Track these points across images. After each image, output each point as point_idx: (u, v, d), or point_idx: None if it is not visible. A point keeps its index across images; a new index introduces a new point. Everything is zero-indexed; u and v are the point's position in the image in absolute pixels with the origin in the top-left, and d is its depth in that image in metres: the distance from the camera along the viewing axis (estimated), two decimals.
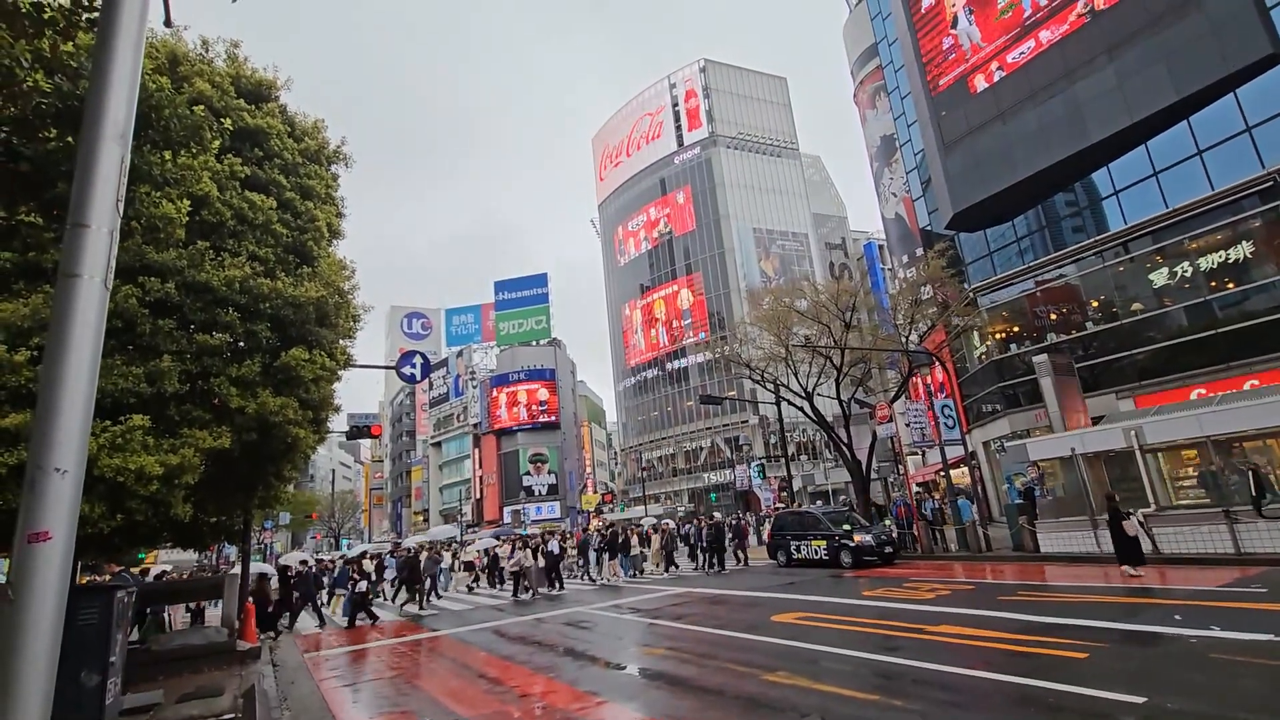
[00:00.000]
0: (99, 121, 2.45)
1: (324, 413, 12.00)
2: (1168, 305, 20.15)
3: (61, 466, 2.20)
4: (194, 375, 9.34)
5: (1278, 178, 17.19)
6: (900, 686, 6.70)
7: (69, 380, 2.27)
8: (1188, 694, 5.65)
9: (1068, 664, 6.82)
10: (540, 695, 7.88)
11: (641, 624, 12.34)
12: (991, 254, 26.27)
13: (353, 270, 12.76)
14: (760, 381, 28.55)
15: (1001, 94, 23.77)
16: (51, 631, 2.19)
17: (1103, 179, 22.02)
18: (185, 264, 9.07)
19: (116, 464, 7.37)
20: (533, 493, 65.04)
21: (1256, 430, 13.15)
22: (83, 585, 11.82)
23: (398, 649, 12.47)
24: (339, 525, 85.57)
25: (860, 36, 44.46)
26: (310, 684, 9.87)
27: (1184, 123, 19.45)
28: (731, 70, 71.65)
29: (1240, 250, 18.34)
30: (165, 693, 8.55)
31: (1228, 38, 17.83)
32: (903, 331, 25.92)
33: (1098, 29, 20.80)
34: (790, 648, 8.89)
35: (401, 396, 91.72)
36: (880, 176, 45.14)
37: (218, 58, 11.23)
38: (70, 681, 5.70)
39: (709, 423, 61.08)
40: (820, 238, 69.87)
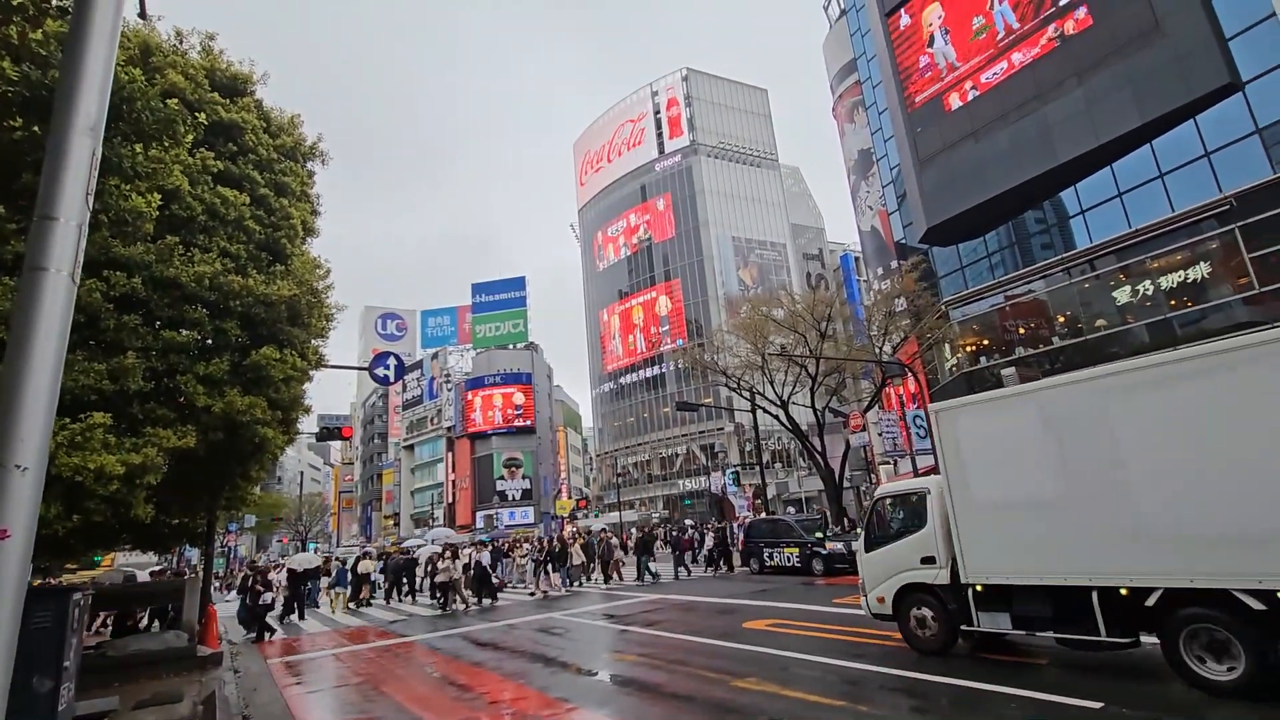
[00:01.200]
0: (70, 113, 2.40)
1: (294, 413, 11.76)
2: (1130, 322, 20.77)
3: (22, 463, 2.15)
4: (159, 373, 9.10)
5: (1234, 202, 17.86)
6: (867, 693, 6.79)
7: (32, 376, 2.22)
8: (1141, 700, 5.82)
9: (1030, 670, 6.98)
10: (510, 702, 7.82)
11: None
12: (964, 268, 26.84)
13: (327, 269, 12.56)
14: (736, 389, 28.78)
15: (975, 113, 24.36)
16: (7, 634, 2.13)
17: (1070, 198, 22.67)
18: (153, 259, 8.84)
19: (75, 463, 7.13)
20: (506, 497, 64.50)
21: None
22: (36, 587, 11.41)
23: (363, 655, 12.26)
24: (306, 528, 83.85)
25: (840, 52, 45.24)
26: (273, 691, 9.65)
27: (1147, 146, 20.13)
28: (713, 80, 72.30)
29: (1199, 270, 19.00)
30: (121, 699, 8.29)
31: (1189, 67, 18.53)
32: (877, 342, 26.36)
33: (1067, 53, 21.45)
34: (760, 654, 8.95)
35: (374, 398, 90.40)
36: (857, 189, 45.90)
37: (192, 49, 11.00)
38: (21, 686, 5.49)
39: (685, 429, 61.23)
40: (798, 248, 70.69)
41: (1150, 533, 6.20)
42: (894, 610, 8.60)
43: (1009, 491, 7.37)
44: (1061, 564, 6.81)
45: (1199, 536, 5.90)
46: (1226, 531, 5.73)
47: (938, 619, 8.05)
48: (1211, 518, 5.83)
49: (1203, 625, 5.89)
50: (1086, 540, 6.64)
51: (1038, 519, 7.05)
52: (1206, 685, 5.84)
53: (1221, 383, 5.98)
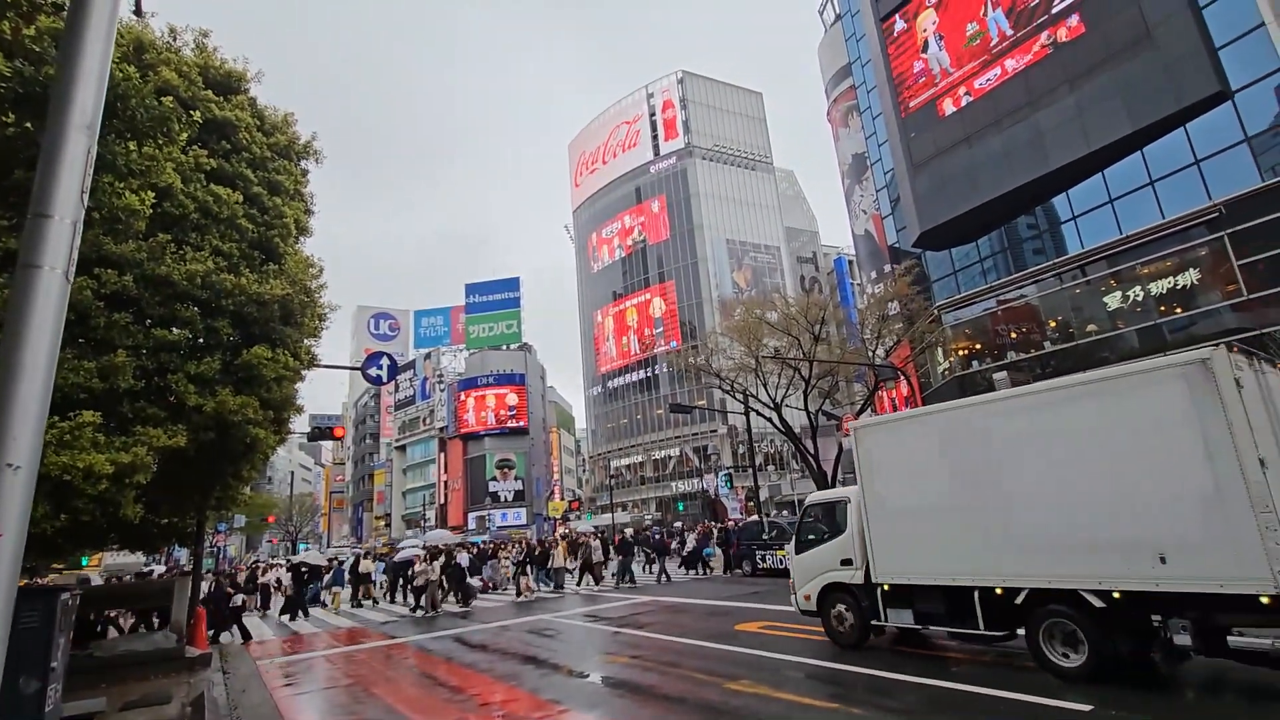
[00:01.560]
0: (66, 110, 2.39)
1: (285, 413, 11.73)
2: (1121, 327, 20.94)
3: (14, 462, 2.13)
4: (150, 371, 9.05)
5: (1223, 209, 18.05)
6: (860, 695, 6.81)
7: (25, 374, 2.20)
8: (1130, 703, 5.86)
9: (1020, 673, 7.02)
10: (500, 704, 7.79)
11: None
12: (956, 272, 27.00)
13: (320, 268, 12.52)
14: (730, 391, 28.82)
15: (968, 118, 24.52)
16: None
17: (1062, 204, 22.85)
18: (145, 257, 8.79)
19: (64, 461, 7.08)
20: (499, 499, 64.31)
21: None
22: (23, 587, 11.28)
23: (354, 656, 12.20)
24: (297, 529, 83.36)
25: (835, 57, 45.46)
26: (263, 692, 9.58)
27: (1138, 153, 20.32)
28: (709, 83, 72.47)
29: (1188, 277, 19.19)
30: (109, 700, 8.22)
31: (1180, 75, 18.73)
32: (870, 346, 26.47)
33: (1060, 61, 21.64)
34: (753, 656, 8.96)
35: (366, 398, 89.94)
36: (851, 193, 46.12)
37: (185, 47, 10.95)
38: (8, 687, 5.44)
39: (678, 431, 61.25)
40: (792, 251, 70.90)
41: (1020, 540, 7.06)
42: (818, 607, 9.45)
43: (911, 501, 8.26)
44: (951, 566, 7.65)
45: (1057, 544, 6.75)
46: (1076, 540, 6.58)
47: (853, 615, 8.89)
48: (1065, 528, 6.69)
49: (1058, 620, 6.77)
50: (970, 545, 7.49)
51: (933, 526, 7.91)
52: (1058, 671, 6.69)
53: (1070, 412, 6.91)
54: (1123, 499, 6.33)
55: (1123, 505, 6.33)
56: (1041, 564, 6.86)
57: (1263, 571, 5.40)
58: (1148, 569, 6.07)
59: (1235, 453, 5.66)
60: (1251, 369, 6.22)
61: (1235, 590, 5.59)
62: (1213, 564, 5.73)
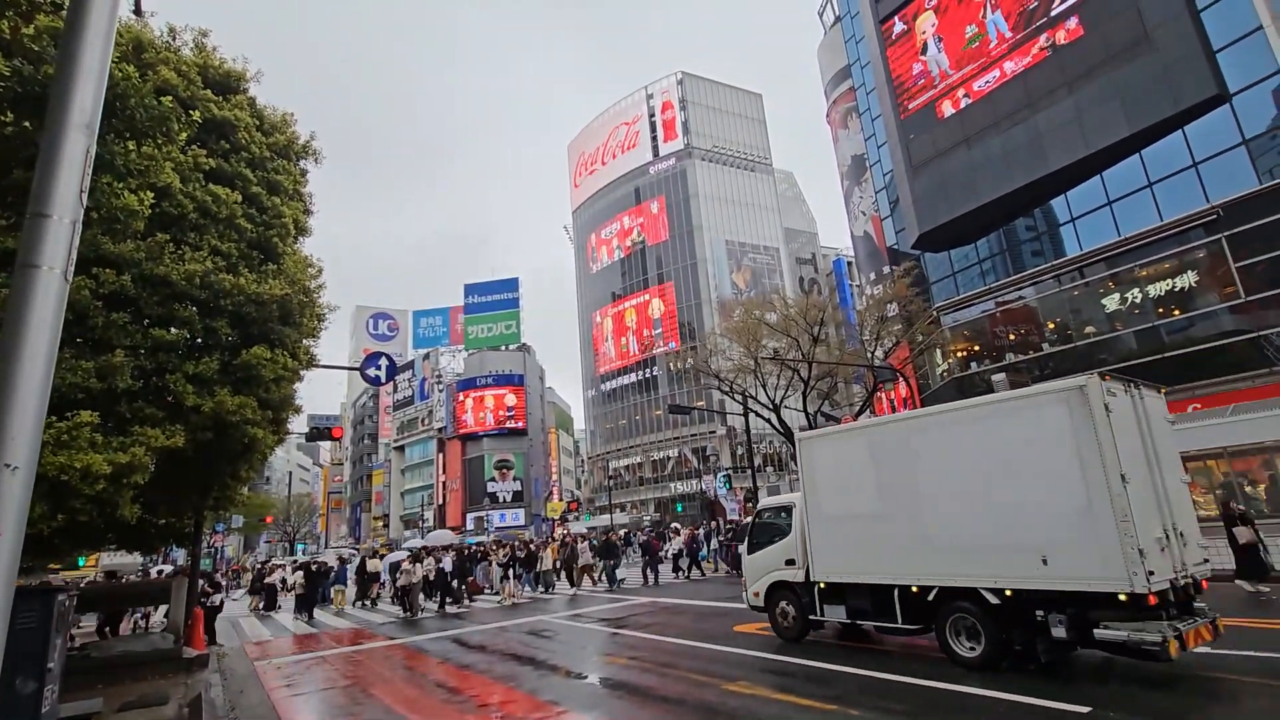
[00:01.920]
0: (65, 110, 2.38)
1: (284, 413, 11.69)
2: (1119, 329, 20.97)
3: (12, 463, 2.12)
4: (148, 371, 9.02)
5: (1221, 211, 18.09)
6: (859, 697, 6.81)
7: (23, 374, 2.19)
8: (1128, 704, 5.87)
9: (1018, 674, 7.02)
10: (499, 705, 7.78)
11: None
12: (955, 274, 27.02)
13: (319, 268, 12.50)
14: (729, 392, 28.82)
15: (967, 120, 24.55)
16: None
17: (1061, 206, 22.88)
18: (143, 256, 8.76)
19: (61, 462, 7.05)
20: (497, 499, 64.27)
21: (1197, 451, 13.77)
22: (20, 587, 11.25)
23: (352, 657, 12.18)
24: (294, 529, 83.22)
25: (834, 58, 45.50)
26: (260, 693, 9.57)
27: (1136, 156, 20.35)
28: (708, 84, 72.54)
29: (1186, 279, 19.22)
30: (105, 701, 8.20)
31: (1178, 78, 18.76)
32: (869, 347, 26.49)
33: (1058, 63, 21.67)
34: (751, 657, 8.96)
35: (364, 398, 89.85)
36: (850, 195, 46.15)
37: (185, 46, 10.93)
38: (5, 688, 5.43)
39: (677, 432, 61.24)
40: (791, 252, 70.95)
41: (932, 544, 7.89)
42: (765, 603, 10.26)
43: (844, 507, 9.13)
44: (876, 566, 8.49)
45: (961, 547, 7.56)
46: (977, 543, 7.40)
47: (795, 611, 9.74)
48: (968, 533, 7.51)
49: (961, 615, 7.55)
50: (892, 548, 8.32)
51: (862, 530, 8.80)
52: (961, 661, 7.48)
53: (973, 430, 7.74)
54: (1014, 507, 7.15)
55: (1014, 513, 7.14)
56: (949, 565, 7.65)
57: (1122, 573, 6.21)
58: (1033, 570, 6.87)
59: (1103, 469, 6.45)
60: (1127, 394, 7.11)
61: (1100, 589, 6.41)
62: (1084, 566, 6.54)
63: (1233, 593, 10.92)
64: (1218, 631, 6.70)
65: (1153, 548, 6.37)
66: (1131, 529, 6.22)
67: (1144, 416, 7.19)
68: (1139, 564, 6.12)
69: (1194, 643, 6.41)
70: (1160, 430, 7.40)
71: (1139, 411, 7.16)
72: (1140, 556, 6.15)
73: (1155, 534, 6.53)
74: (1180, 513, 7.07)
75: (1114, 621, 6.42)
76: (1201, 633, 6.51)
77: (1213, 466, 14.02)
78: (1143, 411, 7.21)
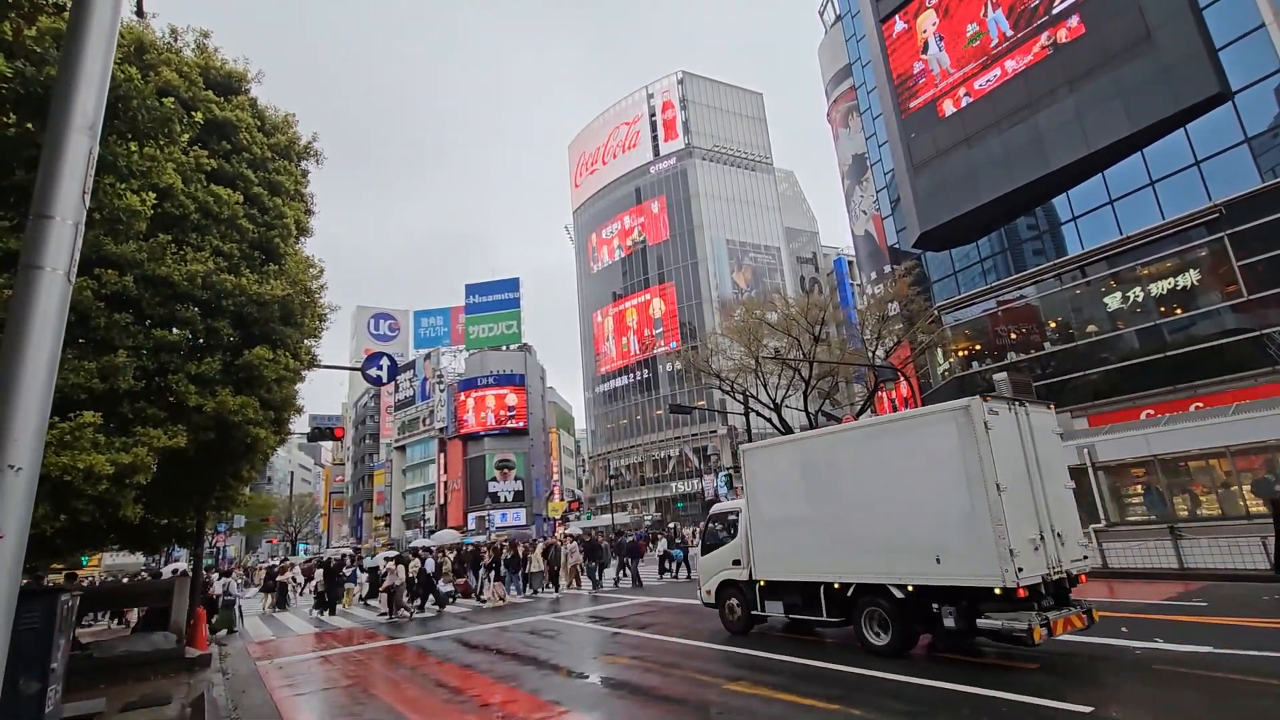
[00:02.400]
0: (67, 112, 2.38)
1: (286, 413, 11.71)
2: (1120, 328, 20.95)
3: (16, 464, 2.13)
4: (150, 372, 9.03)
5: (1223, 210, 18.06)
6: (861, 696, 6.80)
7: (26, 375, 2.20)
8: (1131, 704, 5.86)
9: (1021, 674, 7.01)
10: (500, 704, 7.79)
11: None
12: (956, 273, 27.00)
13: (320, 269, 12.52)
14: (730, 392, 28.82)
15: (968, 119, 24.53)
16: (1, 636, 2.11)
17: (1062, 205, 22.85)
18: (145, 257, 8.78)
19: (64, 462, 7.06)
20: (498, 499, 64.30)
21: (1200, 450, 13.75)
22: (23, 587, 11.28)
23: (353, 657, 12.19)
24: (296, 529, 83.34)
25: (835, 57, 45.47)
26: (262, 693, 9.58)
27: (1138, 154, 20.33)
28: (709, 83, 72.50)
29: (1188, 278, 19.19)
30: (108, 701, 8.22)
31: (1179, 76, 18.73)
32: (870, 346, 26.48)
33: (1059, 62, 21.64)
34: (752, 657, 8.96)
35: (366, 398, 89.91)
36: (851, 194, 46.12)
37: (186, 47, 10.95)
38: (8, 688, 5.43)
39: (678, 432, 61.24)
40: (792, 252, 70.92)
41: (850, 545, 8.79)
42: (716, 600, 11.12)
43: (780, 512, 10.07)
44: (805, 566, 9.37)
45: (874, 548, 8.45)
46: (885, 545, 8.29)
47: (740, 606, 10.61)
48: (879, 535, 8.40)
49: (873, 608, 8.43)
50: (818, 549, 9.22)
51: (794, 533, 9.70)
52: (873, 649, 8.37)
53: (882, 444, 8.75)
54: (915, 513, 8.01)
55: (914, 518, 8.01)
56: (864, 565, 8.56)
57: (996, 571, 7.10)
58: (929, 568, 7.74)
59: (982, 479, 7.29)
60: (1011, 412, 7.91)
61: (980, 584, 7.30)
62: (968, 565, 7.41)
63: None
64: (1091, 620, 7.65)
65: (1025, 548, 7.22)
66: (1005, 532, 7.07)
67: (1028, 431, 7.98)
68: (1010, 562, 7.00)
69: (1062, 630, 7.29)
70: (1045, 443, 8.17)
71: (1022, 427, 7.96)
72: (1011, 556, 7.01)
73: (1029, 536, 7.36)
74: (1060, 516, 7.87)
75: (993, 612, 7.29)
76: (1073, 621, 7.43)
77: (1215, 466, 14.00)
78: (1027, 427, 8.01)
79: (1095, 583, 12.97)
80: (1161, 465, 14.10)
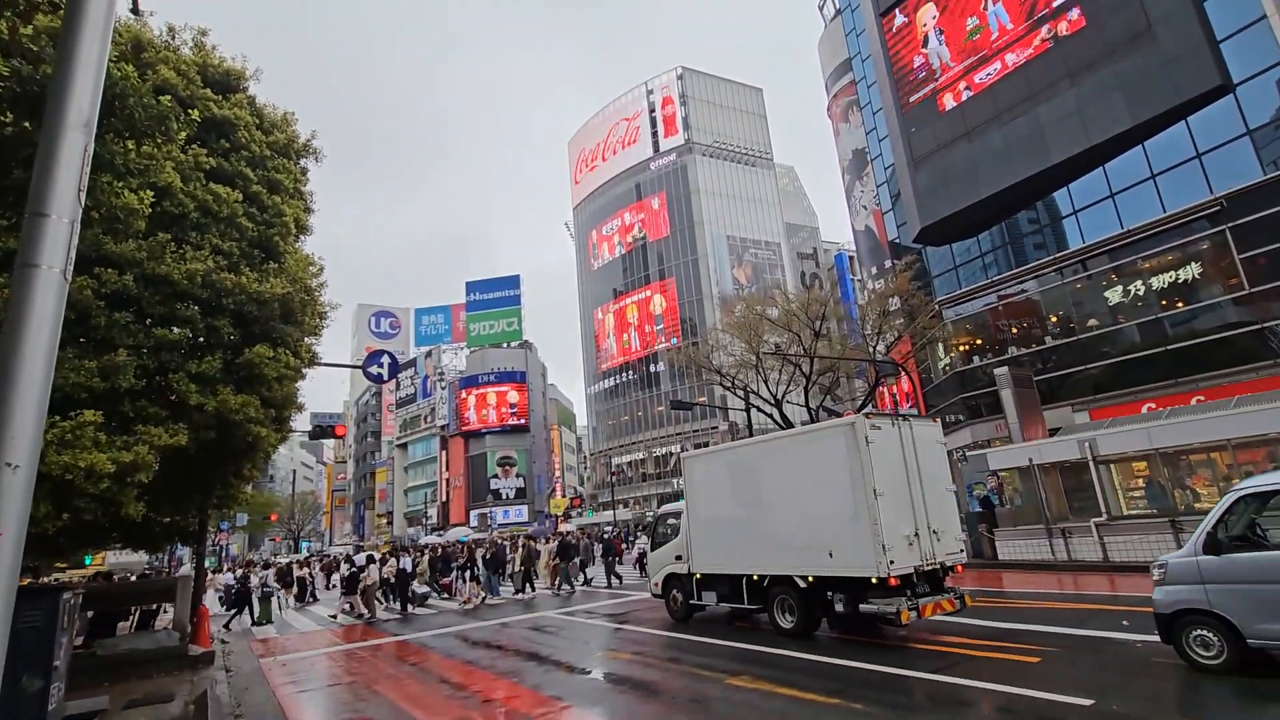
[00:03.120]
0: (62, 108, 2.38)
1: (287, 412, 11.72)
2: (1122, 322, 20.91)
3: (13, 462, 2.12)
4: (151, 370, 9.04)
5: (1225, 203, 18.00)
6: (861, 691, 6.81)
7: (23, 373, 2.20)
8: (1132, 697, 5.86)
9: (1022, 668, 7.02)
10: (503, 700, 7.81)
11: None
12: (957, 268, 26.95)
13: (320, 267, 12.52)
14: (731, 388, 28.78)
15: (969, 113, 24.45)
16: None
17: (1063, 198, 22.79)
18: (144, 256, 8.78)
19: (65, 461, 7.08)
20: (500, 496, 64.40)
21: (1201, 444, 13.72)
22: (25, 586, 11.31)
23: (356, 654, 12.23)
24: (299, 527, 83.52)
25: (835, 51, 45.31)
26: (265, 690, 9.61)
27: (1139, 147, 20.25)
28: (709, 79, 72.29)
29: (1189, 271, 19.15)
30: (111, 699, 8.25)
31: (1180, 69, 18.65)
32: (870, 342, 26.42)
33: (1060, 55, 21.55)
34: (753, 652, 8.98)
35: (367, 396, 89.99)
36: (852, 189, 46.01)
37: (184, 45, 10.92)
38: (10, 687, 5.45)
39: (679, 428, 61.25)
40: (792, 247, 70.80)
41: (765, 541, 10.14)
42: (662, 591, 12.51)
43: (711, 513, 11.47)
44: (732, 561, 10.74)
45: (782, 544, 9.80)
46: (792, 541, 9.63)
47: (682, 597, 11.97)
48: (786, 533, 9.76)
49: (782, 596, 9.82)
50: (741, 546, 10.58)
51: (724, 531, 11.06)
52: (783, 631, 9.72)
53: (788, 453, 10.23)
54: (813, 514, 9.36)
55: (813, 518, 9.34)
56: (775, 559, 9.88)
57: (872, 562, 8.36)
58: (824, 562, 9.05)
59: (865, 486, 8.52)
60: (894, 426, 9.09)
61: (861, 575, 8.52)
62: (852, 558, 8.67)
63: None
64: (963, 604, 8.87)
65: (900, 544, 8.42)
66: (880, 531, 8.30)
67: (910, 443, 9.11)
68: (883, 556, 8.23)
69: (931, 613, 8.49)
70: (928, 452, 9.29)
71: (905, 439, 9.08)
72: (884, 551, 8.23)
73: (904, 533, 8.55)
74: (939, 516, 9.04)
75: (873, 598, 8.47)
76: (942, 605, 8.64)
77: (1216, 459, 13.97)
78: (910, 439, 9.13)
79: (1097, 576, 13.01)
80: (1163, 459, 14.07)
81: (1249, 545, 5.92)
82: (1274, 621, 5.57)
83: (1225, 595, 5.90)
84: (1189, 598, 6.16)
